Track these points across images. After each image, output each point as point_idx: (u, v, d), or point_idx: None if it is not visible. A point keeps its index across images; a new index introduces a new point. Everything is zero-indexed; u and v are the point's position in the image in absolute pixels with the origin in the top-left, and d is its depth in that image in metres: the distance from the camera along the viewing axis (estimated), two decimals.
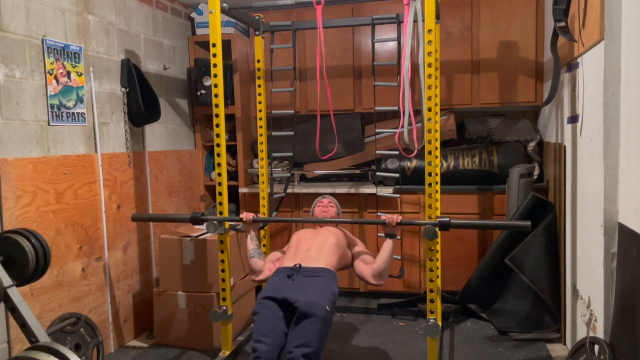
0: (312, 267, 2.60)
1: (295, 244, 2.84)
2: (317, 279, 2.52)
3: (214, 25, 2.81)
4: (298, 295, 2.38)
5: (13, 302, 1.96)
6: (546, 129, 3.72)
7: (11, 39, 2.53)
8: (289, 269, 2.62)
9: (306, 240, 2.82)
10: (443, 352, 3.08)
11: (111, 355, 3.18)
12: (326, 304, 2.37)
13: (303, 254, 2.71)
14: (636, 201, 1.98)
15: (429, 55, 2.53)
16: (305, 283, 2.48)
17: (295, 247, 2.81)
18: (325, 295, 2.42)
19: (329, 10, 3.97)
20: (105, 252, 3.16)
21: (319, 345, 2.28)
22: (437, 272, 2.82)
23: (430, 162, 2.56)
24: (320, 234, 2.86)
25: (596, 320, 2.43)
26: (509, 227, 3.22)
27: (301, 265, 2.61)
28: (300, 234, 2.93)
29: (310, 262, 2.64)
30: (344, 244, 2.87)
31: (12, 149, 2.54)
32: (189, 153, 4.19)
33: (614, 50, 2.19)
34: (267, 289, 2.50)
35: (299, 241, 2.85)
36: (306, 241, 2.81)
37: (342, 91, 4.14)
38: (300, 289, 2.44)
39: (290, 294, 2.40)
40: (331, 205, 3.12)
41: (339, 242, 2.81)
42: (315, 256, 2.68)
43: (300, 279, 2.52)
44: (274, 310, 2.39)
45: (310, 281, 2.50)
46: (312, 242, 2.79)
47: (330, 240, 2.79)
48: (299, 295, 2.38)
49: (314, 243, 2.78)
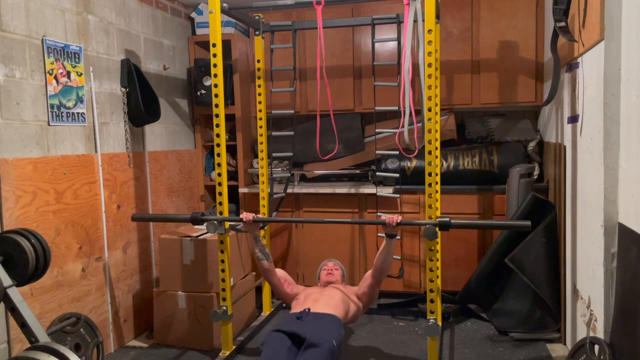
0: (321, 312, 2.72)
1: (303, 297, 2.96)
2: (325, 320, 2.65)
3: (214, 25, 2.81)
4: (307, 329, 2.52)
5: (13, 302, 1.97)
6: (546, 129, 3.72)
7: (11, 39, 2.54)
8: (298, 313, 2.74)
9: (314, 294, 2.95)
10: (443, 352, 3.07)
11: (111, 355, 3.18)
12: (333, 338, 2.47)
13: (311, 303, 2.83)
14: (636, 201, 1.98)
15: (429, 55, 2.53)
16: (314, 321, 2.62)
17: (304, 299, 2.93)
18: (333, 332, 2.54)
19: (329, 10, 3.97)
20: (105, 252, 3.16)
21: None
22: (437, 272, 2.82)
23: (430, 162, 2.56)
24: (329, 289, 2.99)
25: (596, 320, 2.43)
26: (509, 227, 3.22)
27: (310, 309, 2.74)
28: (308, 290, 3.07)
29: (318, 309, 2.76)
30: (350, 298, 2.96)
31: (12, 149, 2.54)
32: (189, 153, 4.19)
33: (614, 50, 2.19)
34: (277, 324, 2.66)
35: (307, 295, 2.97)
36: (314, 294, 2.94)
37: (342, 91, 4.14)
38: (309, 325, 2.57)
39: (299, 328, 2.54)
40: (336, 268, 3.22)
41: (344, 298, 2.91)
42: (323, 306, 2.79)
43: (309, 319, 2.64)
44: (283, 340, 2.50)
45: (318, 321, 2.63)
46: (320, 295, 2.91)
47: (337, 295, 2.90)
48: (308, 329, 2.51)
49: (322, 297, 2.89)
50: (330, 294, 2.91)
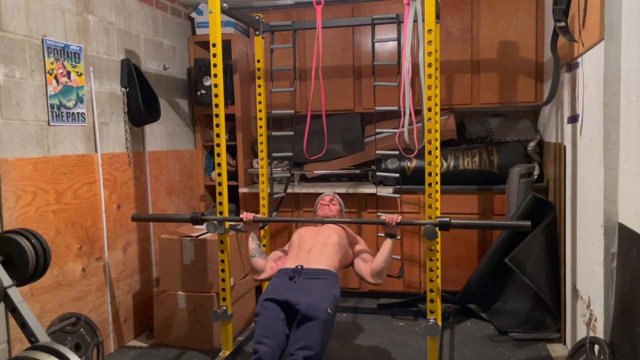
0: (314, 269, 2.59)
1: (297, 244, 2.81)
2: (318, 280, 2.51)
3: (214, 25, 2.81)
4: (300, 297, 2.37)
5: (13, 302, 1.96)
6: (546, 129, 3.72)
7: (11, 39, 2.54)
8: (290, 270, 2.60)
9: (308, 240, 2.79)
10: (443, 352, 3.07)
11: (111, 355, 3.18)
12: (328, 306, 2.36)
13: (305, 254, 2.69)
14: (636, 201, 1.98)
15: (429, 55, 2.53)
16: (307, 285, 2.47)
17: (297, 247, 2.78)
18: (327, 297, 2.41)
19: (329, 10, 3.97)
20: (105, 252, 3.16)
21: (321, 348, 2.27)
22: (437, 272, 2.82)
23: (430, 162, 2.56)
24: (322, 232, 2.83)
25: (596, 320, 2.43)
26: (509, 227, 3.22)
27: (303, 266, 2.60)
28: (302, 232, 2.89)
29: (311, 263, 2.62)
30: (345, 242, 2.85)
31: (12, 149, 2.54)
32: (189, 153, 4.19)
33: (614, 50, 2.19)
34: (269, 291, 2.49)
35: (301, 241, 2.82)
36: (308, 241, 2.78)
37: (342, 91, 4.14)
38: (302, 291, 2.42)
39: (292, 296, 2.39)
40: (333, 203, 3.09)
41: (340, 241, 2.79)
42: (317, 257, 2.66)
43: (302, 281, 2.50)
44: (276, 312, 2.38)
45: (312, 283, 2.48)
46: (313, 242, 2.76)
47: (331, 240, 2.76)
48: (301, 298, 2.37)
49: (315, 243, 2.75)
50: (324, 239, 2.75)
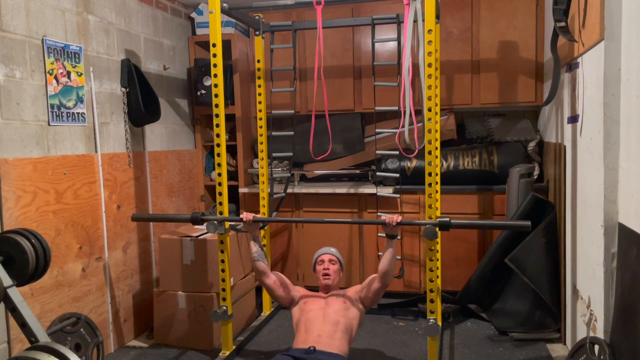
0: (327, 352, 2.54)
1: (303, 327, 2.70)
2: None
3: (214, 25, 2.81)
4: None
5: (13, 302, 1.96)
6: (546, 129, 3.72)
7: (11, 39, 2.54)
8: (303, 350, 2.55)
9: (316, 323, 2.67)
10: (443, 352, 3.07)
11: (111, 355, 3.18)
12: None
13: (315, 339, 2.60)
14: (636, 201, 1.98)
15: (429, 55, 2.53)
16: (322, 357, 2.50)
17: (305, 330, 2.67)
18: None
19: (329, 10, 3.97)
20: (105, 252, 3.16)
21: None
22: (437, 272, 2.83)
23: (430, 162, 2.57)
24: (330, 304, 2.74)
25: (596, 320, 2.43)
26: (509, 227, 3.22)
27: (315, 348, 2.54)
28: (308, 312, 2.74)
29: (323, 346, 2.57)
30: (355, 305, 2.77)
31: (12, 149, 2.54)
32: (189, 153, 4.19)
33: (614, 50, 2.19)
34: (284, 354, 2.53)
35: (307, 323, 2.69)
36: (316, 324, 2.66)
37: (342, 91, 4.14)
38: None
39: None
40: (332, 262, 2.91)
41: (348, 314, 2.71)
42: (328, 340, 2.59)
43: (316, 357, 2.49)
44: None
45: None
46: (322, 326, 2.65)
47: (340, 314, 2.69)
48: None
49: (324, 328, 2.64)
50: (334, 322, 2.65)
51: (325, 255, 2.95)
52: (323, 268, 2.89)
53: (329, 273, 2.87)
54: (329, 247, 3.03)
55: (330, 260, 2.92)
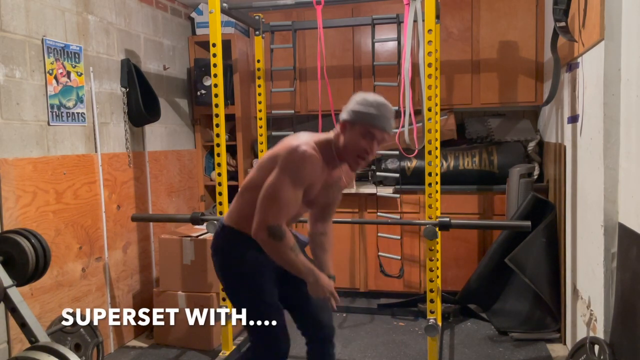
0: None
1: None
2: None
3: (214, 25, 2.81)
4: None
5: (13, 302, 1.96)
6: (546, 129, 3.72)
7: (11, 39, 2.53)
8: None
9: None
10: (443, 352, 3.07)
11: (111, 355, 3.18)
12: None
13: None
14: (636, 201, 1.98)
15: (429, 55, 2.53)
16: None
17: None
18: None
19: (329, 10, 3.96)
20: (105, 252, 3.16)
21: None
22: (437, 272, 2.83)
23: (430, 162, 2.57)
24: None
25: (596, 320, 2.43)
26: (509, 227, 3.22)
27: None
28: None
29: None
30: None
31: (12, 149, 2.54)
32: (189, 153, 4.19)
33: (614, 50, 2.19)
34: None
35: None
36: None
37: (342, 91, 4.13)
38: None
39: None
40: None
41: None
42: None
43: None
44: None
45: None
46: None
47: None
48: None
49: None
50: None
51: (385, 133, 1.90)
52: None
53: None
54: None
55: (379, 143, 1.91)
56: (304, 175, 1.82)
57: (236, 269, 1.99)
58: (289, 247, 1.83)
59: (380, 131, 1.85)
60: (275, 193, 1.80)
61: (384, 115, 1.86)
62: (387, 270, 3.60)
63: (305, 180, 1.83)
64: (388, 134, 1.89)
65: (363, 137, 1.85)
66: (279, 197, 1.80)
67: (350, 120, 1.88)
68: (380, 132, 1.86)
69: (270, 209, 1.80)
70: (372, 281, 3.96)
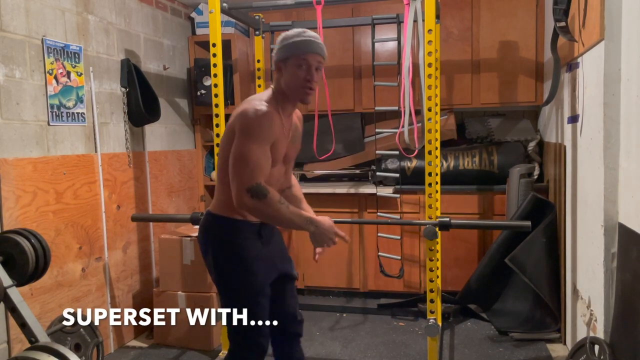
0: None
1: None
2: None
3: (214, 25, 2.81)
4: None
5: (13, 302, 1.96)
6: (546, 129, 3.72)
7: (11, 39, 2.53)
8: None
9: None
10: (443, 352, 3.07)
11: (111, 356, 3.18)
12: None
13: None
14: (636, 201, 1.98)
15: (429, 55, 2.53)
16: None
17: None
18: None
19: (329, 10, 3.96)
20: (105, 252, 3.16)
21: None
22: (437, 272, 2.82)
23: (430, 162, 2.57)
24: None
25: (596, 320, 2.43)
26: (509, 227, 3.22)
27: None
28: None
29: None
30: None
31: (12, 149, 2.54)
32: (189, 153, 4.19)
33: (614, 50, 2.19)
34: None
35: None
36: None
37: (342, 91, 4.13)
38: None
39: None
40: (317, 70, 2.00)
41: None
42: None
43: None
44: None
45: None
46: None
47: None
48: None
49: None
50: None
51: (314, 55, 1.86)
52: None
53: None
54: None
55: (317, 69, 1.88)
56: (264, 131, 1.78)
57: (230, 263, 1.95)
58: (277, 201, 1.75)
59: (311, 54, 1.84)
60: (243, 156, 1.75)
61: (308, 40, 1.84)
62: (387, 271, 3.60)
63: (267, 136, 1.79)
64: (320, 55, 1.87)
65: (299, 68, 1.84)
66: (248, 158, 1.75)
67: (281, 58, 1.87)
68: (312, 55, 1.84)
69: (243, 172, 1.74)
70: (372, 281, 3.96)
